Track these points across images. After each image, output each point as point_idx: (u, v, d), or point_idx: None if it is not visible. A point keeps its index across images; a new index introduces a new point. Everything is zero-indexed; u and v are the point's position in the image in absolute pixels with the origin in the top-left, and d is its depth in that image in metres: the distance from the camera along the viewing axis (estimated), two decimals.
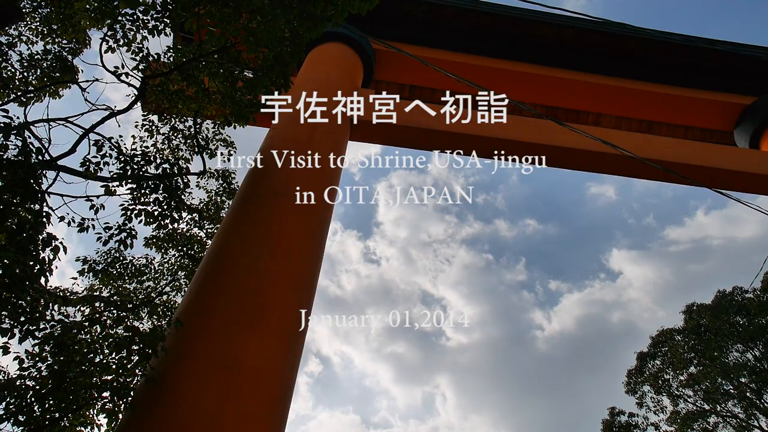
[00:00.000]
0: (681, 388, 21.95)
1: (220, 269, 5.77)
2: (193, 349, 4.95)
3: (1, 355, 5.00)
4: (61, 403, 5.21)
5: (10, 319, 4.60)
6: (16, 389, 5.23)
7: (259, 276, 5.64)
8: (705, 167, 10.14)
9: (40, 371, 5.10)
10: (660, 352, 22.51)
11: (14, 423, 5.57)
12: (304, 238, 6.39)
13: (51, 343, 4.87)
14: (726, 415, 21.24)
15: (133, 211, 6.84)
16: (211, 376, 4.65)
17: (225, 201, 9.73)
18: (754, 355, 20.51)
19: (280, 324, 5.45)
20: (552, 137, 9.80)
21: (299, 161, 7.05)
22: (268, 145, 7.74)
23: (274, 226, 6.23)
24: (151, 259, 9.60)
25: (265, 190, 6.68)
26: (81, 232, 6.38)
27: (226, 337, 5.02)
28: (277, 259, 5.93)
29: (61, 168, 6.48)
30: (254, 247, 5.92)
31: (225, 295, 5.39)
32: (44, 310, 4.88)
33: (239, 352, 4.93)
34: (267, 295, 5.51)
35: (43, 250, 4.56)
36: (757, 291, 20.82)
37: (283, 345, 5.35)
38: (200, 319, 5.22)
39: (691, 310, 22.27)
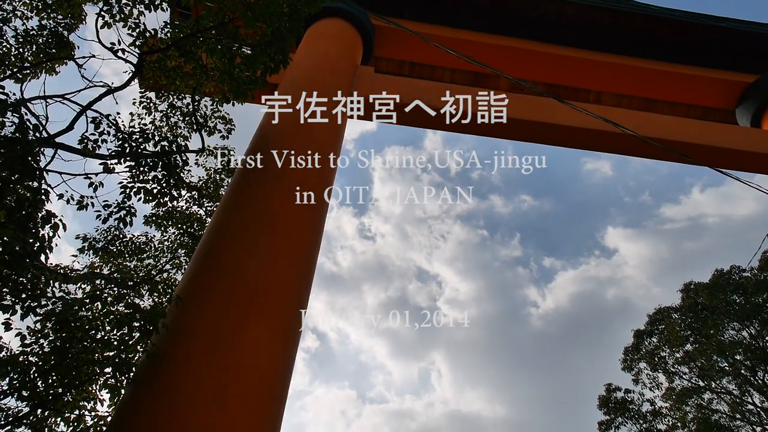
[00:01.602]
0: (677, 365, 22.23)
1: (220, 247, 5.78)
2: (193, 327, 4.99)
3: (3, 332, 5.05)
4: (64, 379, 5.27)
5: (11, 295, 4.62)
6: (19, 365, 5.28)
7: (258, 254, 5.66)
8: (706, 146, 10.11)
9: (42, 347, 5.15)
10: (657, 329, 22.73)
11: (18, 398, 5.65)
12: (303, 216, 6.39)
13: (52, 320, 4.91)
14: (720, 391, 21.54)
15: (132, 189, 6.83)
16: (212, 353, 4.70)
17: (224, 179, 9.70)
18: (750, 333, 20.71)
19: (280, 302, 5.49)
20: (553, 115, 9.74)
21: (299, 147, 7.02)
22: (267, 123, 7.70)
23: (274, 204, 6.23)
24: (150, 237, 9.62)
25: (265, 167, 6.66)
26: (80, 209, 6.37)
27: (226, 314, 5.05)
28: (277, 237, 5.94)
29: (59, 145, 6.45)
30: (254, 225, 5.92)
31: (225, 273, 5.42)
32: (45, 287, 4.90)
33: (239, 330, 4.97)
34: (267, 274, 5.54)
35: (42, 227, 4.56)
36: (755, 270, 20.94)
37: (283, 323, 5.39)
38: (200, 296, 5.25)
39: (689, 289, 22.42)
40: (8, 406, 7.10)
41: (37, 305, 4.71)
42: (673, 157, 10.07)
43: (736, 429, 20.75)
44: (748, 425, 20.58)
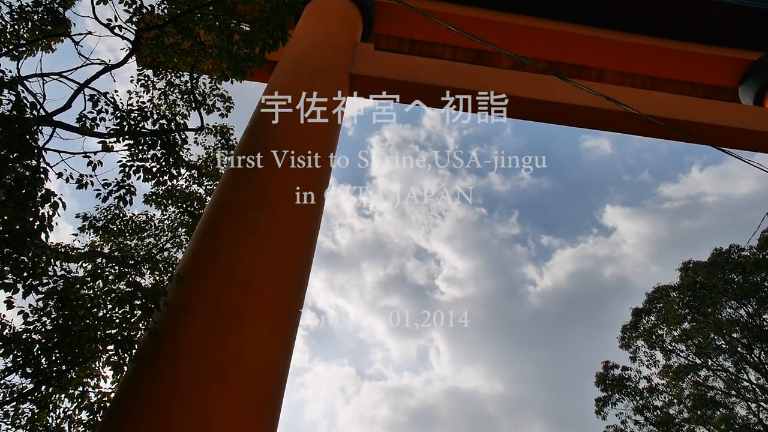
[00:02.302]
0: (674, 343, 22.44)
1: (220, 226, 5.79)
2: (195, 305, 5.02)
3: (6, 310, 5.08)
4: (67, 356, 5.33)
5: (12, 274, 4.64)
6: (22, 342, 5.33)
7: (258, 233, 5.66)
8: (708, 125, 10.04)
9: (45, 325, 5.19)
10: (655, 308, 22.89)
11: (22, 375, 5.71)
12: (305, 191, 6.37)
13: (54, 298, 4.93)
14: (716, 368, 21.79)
15: (131, 168, 6.81)
16: (213, 331, 4.73)
17: (223, 157, 9.67)
18: (747, 312, 20.86)
19: (280, 281, 5.51)
20: (554, 93, 9.66)
21: (298, 119, 6.97)
22: (266, 99, 7.63)
23: (274, 182, 6.21)
24: (150, 216, 9.62)
25: (264, 146, 6.63)
26: (80, 188, 6.36)
27: (227, 293, 5.08)
28: (277, 216, 5.94)
29: (57, 124, 6.41)
30: (254, 204, 5.91)
31: (225, 252, 5.43)
32: (46, 266, 4.92)
33: (240, 308, 5.00)
34: (267, 252, 5.55)
35: (42, 206, 4.56)
36: (754, 249, 20.98)
37: (283, 301, 5.42)
38: (201, 275, 5.27)
39: (687, 268, 22.51)
40: (13, 383, 7.20)
41: (39, 284, 4.73)
42: (675, 135, 10.02)
43: (731, 405, 21.04)
44: (743, 401, 20.86)
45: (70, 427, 7.20)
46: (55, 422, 7.23)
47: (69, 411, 7.20)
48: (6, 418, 7.12)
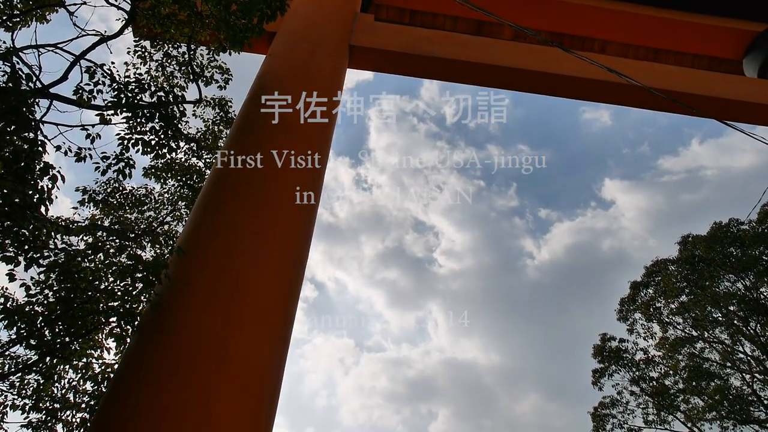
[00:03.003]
0: (671, 316, 22.67)
1: (220, 199, 5.78)
2: (196, 278, 5.04)
3: (8, 283, 5.11)
4: (70, 328, 5.39)
5: (13, 247, 4.66)
6: (25, 315, 5.38)
7: (259, 205, 5.66)
8: (711, 97, 9.94)
9: (48, 298, 5.24)
10: (653, 281, 23.05)
11: (26, 346, 5.79)
12: (304, 164, 6.35)
13: (56, 271, 4.96)
14: (712, 341, 22.06)
15: (129, 141, 6.77)
16: (215, 304, 4.77)
17: (222, 130, 9.60)
18: (745, 285, 21.01)
19: (281, 253, 5.53)
20: (556, 65, 9.53)
21: (298, 89, 6.90)
22: (265, 73, 7.55)
23: (273, 154, 6.18)
24: (150, 189, 9.60)
25: (263, 117, 6.58)
26: (78, 161, 6.34)
27: (228, 265, 5.10)
28: (279, 188, 5.92)
29: (54, 96, 6.35)
30: (254, 176, 5.89)
31: (226, 224, 5.43)
32: (47, 239, 4.94)
33: (241, 280, 5.03)
34: (268, 225, 5.55)
35: (41, 179, 4.55)
36: (753, 222, 21.02)
37: (284, 274, 5.45)
38: (202, 248, 5.28)
39: (686, 241, 22.58)
40: (17, 355, 7.30)
41: (40, 256, 4.76)
42: (677, 108, 9.93)
43: (725, 376, 21.37)
44: (737, 373, 21.18)
45: (75, 397, 7.33)
46: (60, 393, 7.35)
47: (74, 382, 7.32)
48: (12, 388, 7.24)
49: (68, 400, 7.30)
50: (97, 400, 7.15)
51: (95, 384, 7.17)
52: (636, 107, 10.66)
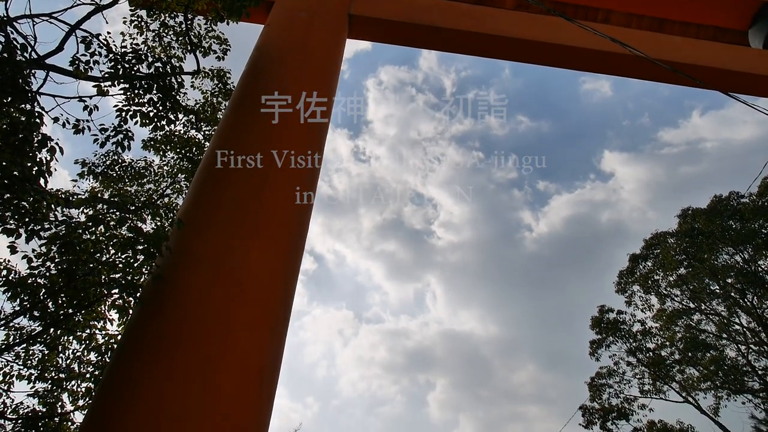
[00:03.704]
0: (669, 288, 22.84)
1: (220, 171, 5.75)
2: (197, 250, 5.06)
3: (10, 255, 5.14)
4: (72, 300, 5.44)
5: (14, 219, 4.67)
6: (28, 287, 5.43)
7: (258, 178, 5.64)
8: (715, 68, 9.81)
9: (49, 270, 5.27)
10: (652, 254, 23.15)
11: (30, 318, 5.85)
12: (303, 138, 6.31)
13: (57, 243, 4.98)
14: (709, 313, 22.28)
15: (127, 112, 6.72)
16: (216, 275, 4.80)
17: (221, 102, 9.52)
18: (743, 258, 21.11)
19: (281, 225, 5.54)
20: (559, 35, 9.39)
21: (296, 59, 6.81)
22: (264, 44, 7.43)
23: (273, 126, 6.14)
24: (150, 162, 9.57)
25: (262, 89, 6.51)
26: (76, 133, 6.30)
27: (228, 238, 5.11)
28: (280, 162, 5.90)
29: (50, 67, 6.27)
30: (254, 148, 5.86)
31: (226, 197, 5.43)
32: (47, 211, 4.94)
33: (242, 253, 5.05)
34: (267, 197, 5.55)
35: (39, 150, 4.52)
36: (753, 196, 20.99)
37: (285, 246, 5.47)
38: (202, 220, 5.28)
39: (686, 214, 22.60)
40: (21, 326, 7.38)
41: (41, 229, 4.77)
42: (681, 79, 9.81)
43: (721, 347, 21.65)
44: (733, 344, 21.46)
45: (80, 367, 7.44)
46: (65, 363, 7.46)
47: (78, 352, 7.43)
48: (17, 359, 7.34)
49: (73, 370, 7.42)
50: (101, 370, 7.26)
51: (99, 354, 7.27)
52: (639, 78, 10.54)
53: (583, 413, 21.99)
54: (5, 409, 7.29)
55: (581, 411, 22.09)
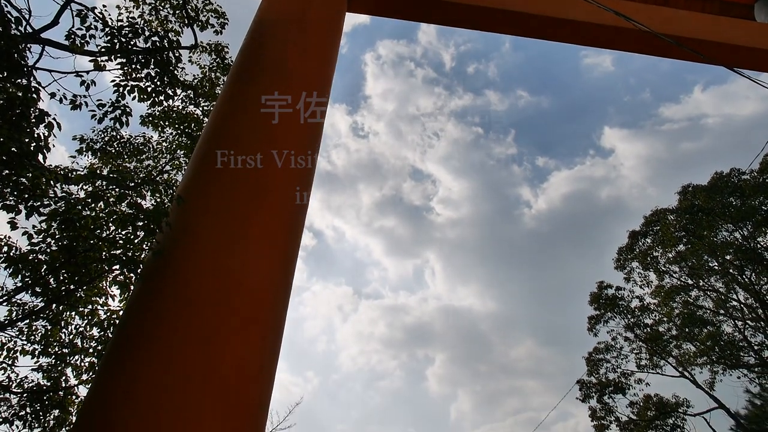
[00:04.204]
0: (668, 265, 22.95)
1: (219, 147, 5.71)
2: (197, 226, 5.05)
3: (10, 231, 5.14)
4: (74, 276, 5.46)
5: (13, 196, 4.65)
6: (29, 263, 5.45)
7: (258, 153, 5.60)
8: (720, 43, 9.68)
9: (50, 246, 5.28)
10: (651, 231, 23.19)
11: (32, 294, 5.88)
12: (303, 111, 6.25)
13: (57, 220, 4.98)
14: (707, 289, 22.43)
15: (125, 88, 6.65)
16: (216, 251, 4.80)
17: (219, 77, 9.42)
18: (742, 234, 21.15)
19: (281, 201, 5.52)
20: (562, 9, 9.24)
21: (295, 34, 6.71)
22: (262, 18, 7.31)
23: (273, 98, 6.07)
24: (148, 138, 9.52)
25: (261, 63, 6.43)
26: (74, 109, 6.24)
27: (228, 212, 5.10)
28: (279, 138, 5.85)
29: (46, 41, 6.19)
30: (253, 124, 5.82)
31: (225, 172, 5.40)
32: (47, 188, 4.92)
33: (242, 229, 5.04)
34: (267, 172, 5.52)
35: (36, 126, 4.48)
36: (755, 172, 20.94)
37: (285, 222, 5.47)
38: (202, 196, 5.27)
39: (687, 191, 22.58)
40: (24, 302, 7.44)
41: (40, 205, 4.76)
42: (685, 54, 9.68)
43: (718, 323, 21.85)
44: (730, 320, 21.65)
45: (83, 342, 7.52)
46: (68, 338, 7.54)
47: (80, 328, 7.50)
48: (21, 334, 7.42)
49: (76, 345, 7.50)
50: (104, 345, 7.34)
51: (101, 330, 7.34)
52: (643, 53, 10.40)
53: (581, 387, 22.32)
54: (10, 384, 7.38)
55: (578, 385, 22.42)
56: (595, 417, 21.70)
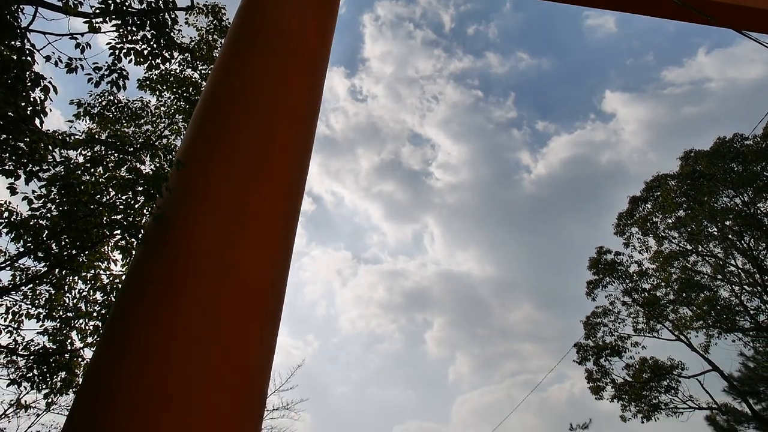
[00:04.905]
0: (667, 230, 23.02)
1: (218, 111, 5.65)
2: (197, 192, 5.04)
3: (10, 196, 5.14)
4: (75, 241, 5.48)
5: (11, 161, 4.63)
6: (30, 228, 5.46)
7: (259, 119, 5.55)
8: (728, 4, 9.46)
9: (51, 211, 5.28)
10: (652, 196, 23.17)
11: (35, 258, 5.92)
12: (303, 74, 6.17)
13: (57, 185, 4.97)
14: (706, 255, 22.55)
15: (121, 50, 6.54)
16: (216, 215, 4.80)
17: (217, 40, 9.25)
18: (743, 200, 21.14)
19: (282, 166, 5.50)
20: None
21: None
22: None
23: (272, 63, 5.98)
24: (146, 102, 9.41)
25: (260, 25, 6.30)
26: (69, 72, 6.15)
27: (228, 178, 5.08)
28: (278, 99, 5.78)
29: (39, 2, 6.05)
30: (252, 87, 5.74)
31: (225, 137, 5.36)
32: (45, 153, 4.90)
33: (242, 194, 5.03)
34: (268, 136, 5.48)
35: (32, 90, 4.43)
36: (758, 138, 20.76)
37: (285, 186, 5.45)
38: (202, 161, 5.24)
39: (688, 157, 22.45)
40: (27, 266, 7.49)
41: (39, 170, 4.74)
42: (692, 16, 9.48)
43: (715, 288, 22.06)
44: (727, 285, 21.85)
45: (87, 306, 7.61)
46: (72, 302, 7.63)
47: (84, 292, 7.58)
48: (25, 298, 7.50)
49: (80, 309, 7.59)
50: (107, 309, 7.43)
51: (105, 294, 7.42)
52: (648, 15, 10.18)
53: (578, 350, 22.70)
54: (17, 346, 7.51)
55: (576, 348, 22.79)
56: (592, 379, 22.15)
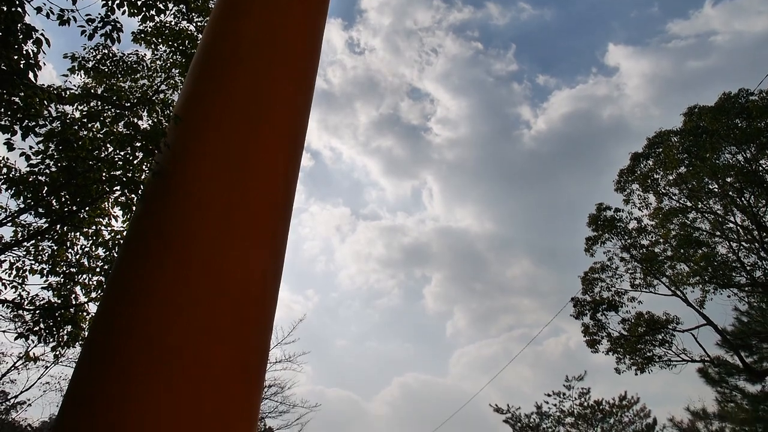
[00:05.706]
0: (668, 187, 22.99)
1: (215, 65, 5.54)
2: (196, 147, 5.00)
3: (7, 152, 5.10)
4: (75, 197, 5.48)
5: (7, 116, 4.58)
6: (30, 184, 5.45)
7: (258, 72, 5.45)
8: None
9: (49, 167, 5.26)
10: (654, 153, 23.01)
11: (35, 215, 5.93)
12: (302, 23, 6.02)
13: (54, 141, 4.93)
14: (705, 211, 22.59)
15: (114, 1, 6.36)
16: (216, 171, 4.78)
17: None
18: (745, 157, 20.99)
19: (281, 119, 5.44)
20: None
21: None
22: None
23: (270, 15, 5.83)
24: (142, 56, 9.22)
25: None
26: (62, 24, 5.99)
27: (227, 135, 5.03)
28: (278, 53, 5.66)
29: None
30: (249, 39, 5.61)
31: (223, 91, 5.28)
32: (41, 108, 4.83)
33: (242, 148, 4.99)
34: (267, 92, 5.40)
35: (24, 42, 4.33)
36: (764, 93, 20.42)
37: (285, 140, 5.40)
38: (200, 115, 5.17)
39: (692, 112, 22.15)
40: (29, 222, 7.52)
41: (36, 125, 4.69)
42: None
43: (713, 245, 22.22)
44: (725, 241, 21.98)
45: (89, 262, 7.69)
46: (75, 258, 7.70)
47: (86, 248, 7.64)
48: (28, 254, 7.56)
49: (83, 264, 7.66)
50: (110, 264, 7.50)
51: (107, 249, 7.48)
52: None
53: (575, 305, 23.05)
54: (23, 301, 7.62)
55: (572, 303, 23.14)
56: (588, 333, 22.58)
